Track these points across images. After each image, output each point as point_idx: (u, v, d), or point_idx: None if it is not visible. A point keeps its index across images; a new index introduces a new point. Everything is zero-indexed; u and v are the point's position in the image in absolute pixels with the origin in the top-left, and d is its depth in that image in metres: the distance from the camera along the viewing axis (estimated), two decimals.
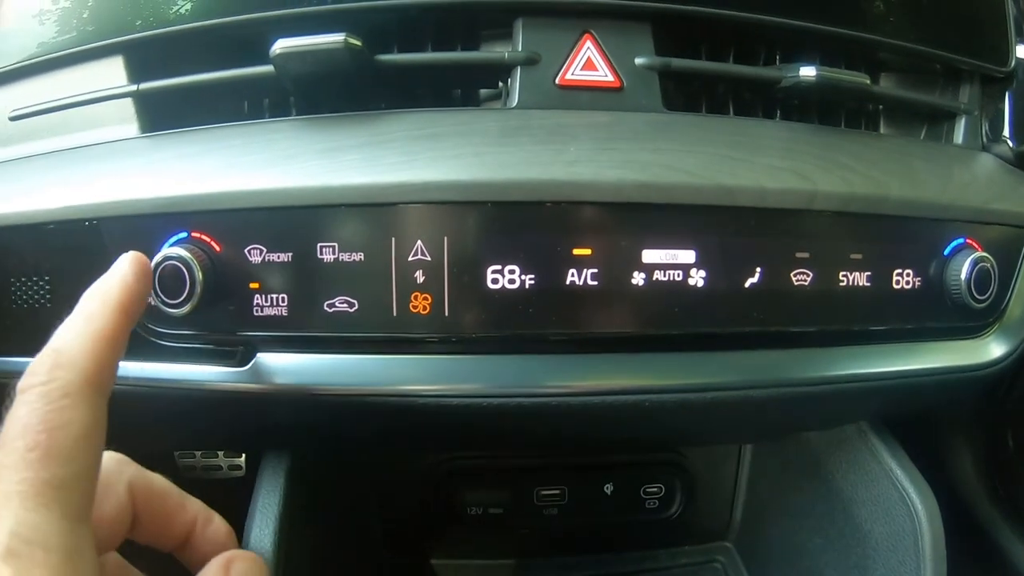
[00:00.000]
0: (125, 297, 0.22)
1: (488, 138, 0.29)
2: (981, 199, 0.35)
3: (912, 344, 0.34)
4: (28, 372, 0.20)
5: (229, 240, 0.29)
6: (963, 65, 0.38)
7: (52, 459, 0.18)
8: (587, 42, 0.31)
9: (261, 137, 0.30)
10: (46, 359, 0.20)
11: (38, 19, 0.34)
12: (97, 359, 0.20)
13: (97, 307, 0.22)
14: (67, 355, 0.20)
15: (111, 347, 0.21)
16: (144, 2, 0.33)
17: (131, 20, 0.33)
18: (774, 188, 0.29)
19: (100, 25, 0.33)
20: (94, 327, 0.21)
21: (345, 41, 0.29)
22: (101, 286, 0.23)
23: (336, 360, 0.29)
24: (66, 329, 0.21)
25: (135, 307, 0.23)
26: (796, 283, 0.30)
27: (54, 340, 0.21)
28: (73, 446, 0.18)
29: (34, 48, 0.34)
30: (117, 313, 0.22)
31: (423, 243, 0.27)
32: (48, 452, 0.18)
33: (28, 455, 0.18)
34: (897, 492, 0.34)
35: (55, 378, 0.19)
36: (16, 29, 0.35)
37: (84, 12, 0.33)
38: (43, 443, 0.18)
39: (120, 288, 0.22)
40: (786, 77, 0.33)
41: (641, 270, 0.28)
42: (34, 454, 0.18)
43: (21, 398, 0.19)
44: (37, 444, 0.18)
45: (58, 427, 0.18)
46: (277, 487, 0.31)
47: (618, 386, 0.29)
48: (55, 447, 0.18)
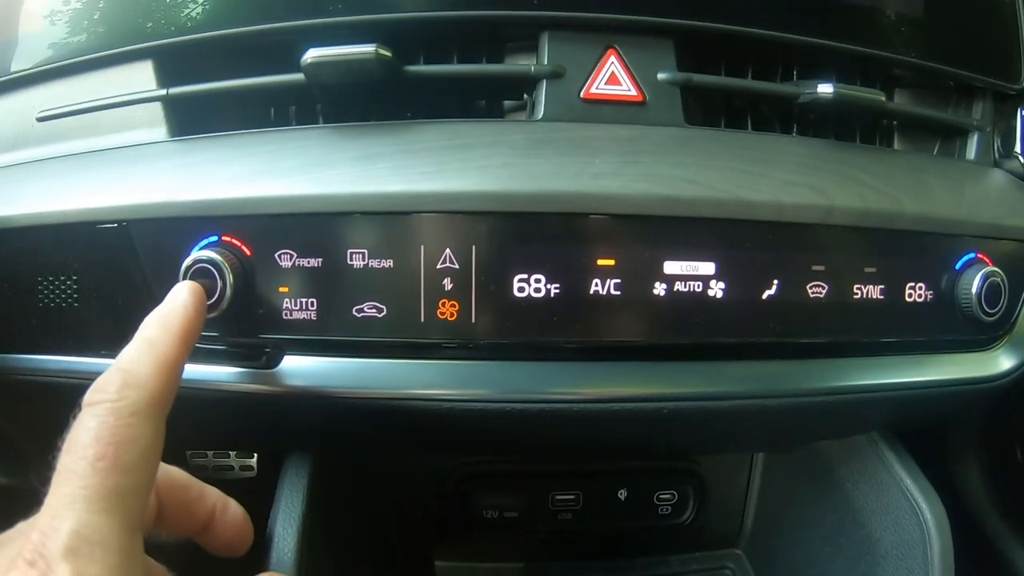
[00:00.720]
0: (186, 325, 0.24)
1: (516, 150, 0.29)
2: (992, 215, 0.35)
3: (923, 356, 0.35)
4: (96, 388, 0.21)
5: (260, 244, 0.29)
6: (976, 82, 0.38)
7: (118, 470, 0.20)
8: (611, 57, 0.32)
9: (292, 144, 0.31)
10: (115, 378, 0.21)
11: (66, 21, 0.35)
12: (162, 382, 0.22)
13: (160, 334, 0.23)
14: (135, 376, 0.22)
15: (173, 371, 0.23)
16: (172, 8, 0.33)
17: (159, 25, 0.33)
18: (792, 203, 0.30)
19: (128, 29, 0.34)
20: (158, 352, 0.23)
21: (376, 52, 0.29)
22: (163, 313, 0.25)
23: (363, 364, 0.29)
24: (132, 351, 0.23)
25: (194, 335, 0.25)
26: (812, 295, 0.31)
27: (121, 361, 0.22)
28: (137, 460, 0.20)
29: (62, 50, 0.35)
30: (178, 340, 0.23)
31: (452, 251, 0.28)
32: (115, 463, 0.19)
33: (97, 464, 0.19)
34: (907, 502, 0.35)
35: (124, 396, 0.21)
36: (44, 31, 0.36)
37: (112, 15, 0.34)
38: (111, 455, 0.19)
39: (182, 316, 0.24)
40: (804, 93, 0.34)
41: (662, 281, 0.29)
42: (102, 463, 0.19)
43: (91, 411, 0.21)
44: (105, 455, 0.19)
45: (125, 441, 0.20)
46: (300, 488, 0.32)
47: (638, 393, 0.29)
48: (121, 459, 0.20)
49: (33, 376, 0.33)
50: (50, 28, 0.36)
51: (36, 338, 0.33)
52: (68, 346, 0.32)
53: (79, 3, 0.35)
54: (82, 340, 0.32)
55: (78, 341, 0.32)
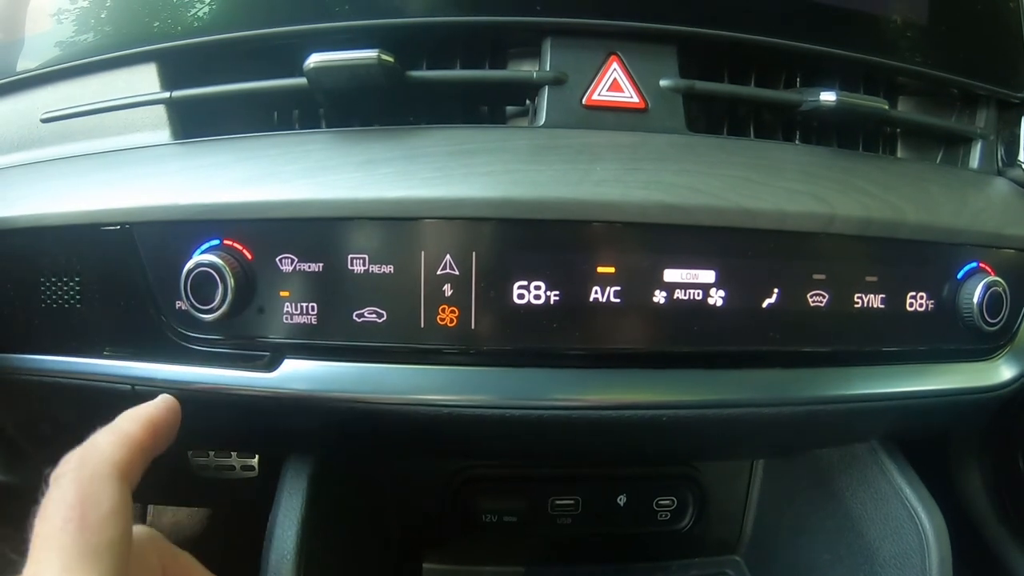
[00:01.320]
0: (156, 417, 0.25)
1: (518, 156, 0.29)
2: (995, 224, 0.35)
3: (924, 365, 0.34)
4: (61, 463, 0.22)
5: (261, 249, 0.29)
6: (979, 90, 0.38)
7: (87, 529, 0.20)
8: (613, 63, 0.32)
9: (295, 148, 0.31)
10: (78, 451, 0.23)
11: (72, 23, 0.35)
12: (124, 456, 0.23)
13: (128, 421, 0.25)
14: (97, 447, 0.23)
15: (138, 451, 0.24)
16: (176, 11, 0.33)
17: (164, 28, 0.33)
18: (794, 211, 0.30)
19: (133, 31, 0.34)
20: (122, 430, 0.24)
21: (378, 57, 0.29)
22: (135, 410, 0.26)
23: (363, 369, 0.29)
24: (98, 433, 0.24)
25: (164, 430, 0.25)
26: (812, 304, 0.31)
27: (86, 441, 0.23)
28: (104, 519, 0.21)
29: (67, 51, 0.35)
30: (146, 427, 0.24)
31: (452, 257, 0.28)
32: (83, 523, 0.20)
33: (66, 526, 0.20)
34: (906, 511, 0.35)
35: (85, 465, 0.22)
36: (49, 32, 0.36)
37: (117, 18, 0.34)
38: (77, 516, 0.20)
39: (152, 410, 0.25)
40: (806, 101, 0.34)
41: (662, 289, 0.29)
42: (71, 524, 0.20)
43: (56, 483, 0.22)
44: (72, 517, 0.20)
45: (90, 502, 0.21)
46: (300, 491, 0.32)
47: (637, 401, 0.29)
48: (87, 518, 0.21)
49: (35, 376, 0.33)
50: (55, 30, 0.36)
51: (38, 338, 0.33)
52: (70, 347, 0.33)
53: (84, 5, 0.35)
54: (84, 341, 0.32)
55: (80, 342, 0.32)
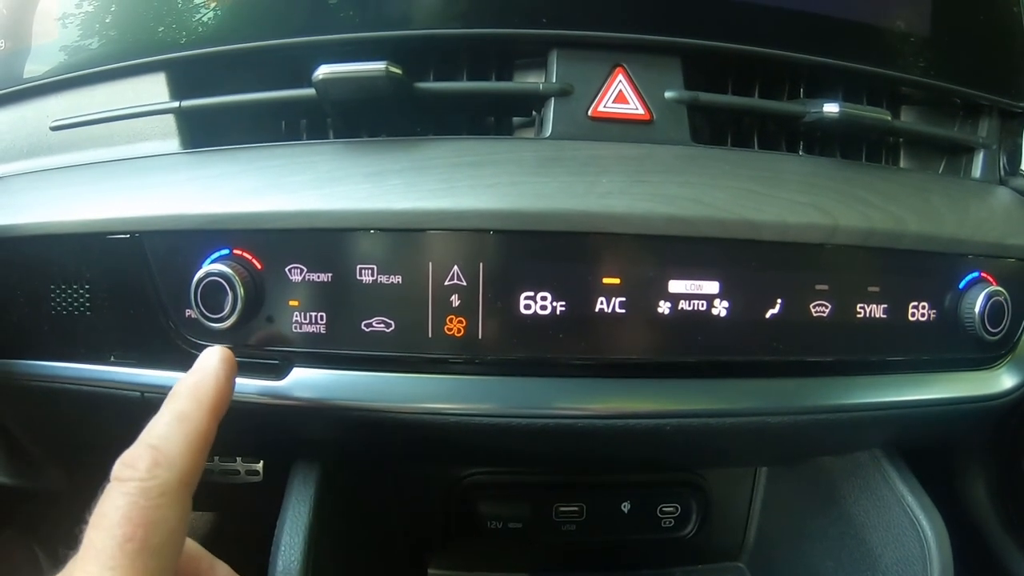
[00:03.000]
0: (216, 398, 0.24)
1: (524, 168, 0.30)
2: (996, 234, 0.36)
3: (925, 375, 0.35)
4: (125, 463, 0.21)
5: (270, 258, 0.30)
6: (982, 100, 0.38)
7: (146, 552, 0.20)
8: (619, 75, 0.32)
9: (304, 159, 0.31)
10: (145, 455, 0.21)
11: (82, 32, 0.36)
12: (192, 460, 0.22)
13: (191, 408, 0.23)
14: (166, 455, 0.21)
15: (204, 447, 0.23)
16: (185, 21, 0.34)
17: (173, 37, 0.34)
18: (796, 223, 0.30)
19: (143, 41, 0.34)
20: (189, 428, 0.22)
21: (386, 69, 0.30)
22: (193, 383, 0.24)
23: (371, 378, 0.30)
24: (161, 426, 0.22)
25: (224, 406, 0.24)
26: (815, 314, 0.31)
27: (151, 436, 0.22)
28: (165, 542, 0.20)
29: (77, 60, 0.35)
30: (209, 414, 0.23)
31: (459, 268, 0.28)
32: (144, 546, 0.20)
33: (126, 545, 0.19)
34: (908, 518, 0.35)
35: (155, 476, 0.21)
36: (58, 40, 0.37)
37: (127, 27, 0.35)
38: (140, 536, 0.20)
39: (213, 388, 0.24)
40: (809, 112, 0.34)
41: (667, 299, 0.29)
42: (131, 545, 0.19)
43: (120, 488, 0.20)
44: (134, 536, 0.19)
45: (154, 523, 0.20)
46: (307, 497, 0.32)
47: (642, 410, 0.30)
48: (150, 542, 0.20)
49: (44, 382, 0.34)
50: (65, 38, 0.36)
51: (48, 345, 0.33)
52: (79, 354, 0.33)
53: (94, 14, 0.35)
54: (93, 348, 0.33)
55: (89, 349, 0.33)
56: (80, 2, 0.36)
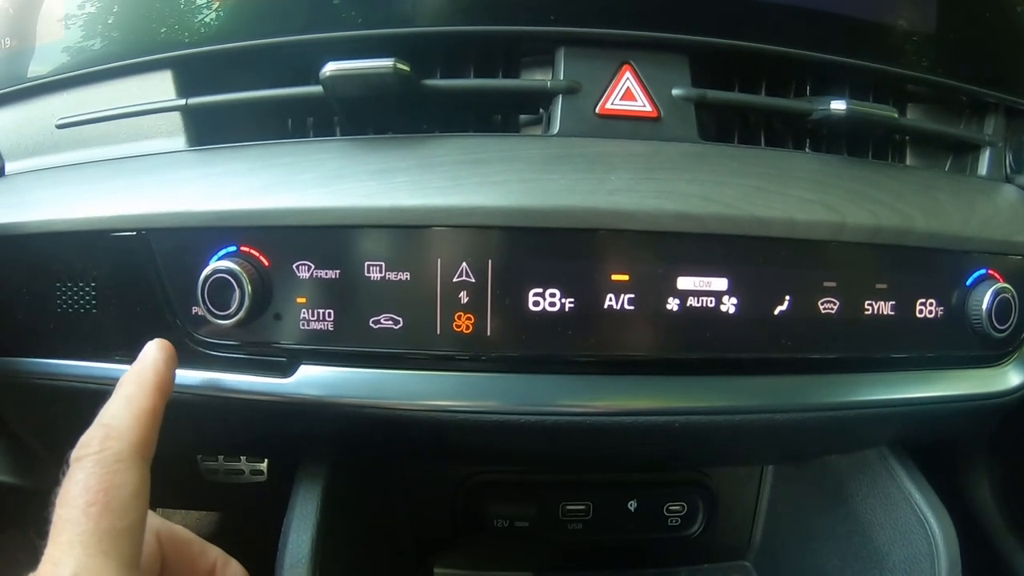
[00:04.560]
0: (158, 379, 0.26)
1: (532, 165, 0.30)
2: (1003, 231, 0.36)
3: (932, 372, 0.35)
4: (81, 444, 0.23)
5: (278, 256, 0.30)
6: (988, 98, 0.38)
7: (110, 513, 0.21)
8: (626, 73, 0.32)
9: (311, 156, 0.31)
10: (98, 432, 0.23)
11: (88, 30, 0.36)
12: (141, 431, 0.23)
13: (136, 389, 0.25)
14: (116, 428, 0.23)
15: (151, 420, 0.24)
16: (191, 18, 0.34)
17: (179, 35, 0.34)
18: (804, 220, 0.30)
19: (149, 38, 0.34)
20: (136, 405, 0.24)
21: (394, 66, 0.30)
22: (136, 371, 0.26)
23: (379, 375, 0.30)
24: (111, 407, 0.24)
25: (167, 387, 0.26)
26: (823, 311, 0.31)
27: (103, 416, 0.24)
28: (127, 502, 0.21)
29: (83, 58, 0.35)
30: (153, 393, 0.25)
31: (468, 265, 0.28)
32: (106, 507, 0.21)
33: (89, 509, 0.21)
34: (915, 516, 0.35)
35: (107, 447, 0.22)
36: (65, 39, 0.37)
37: (133, 25, 0.35)
38: (101, 500, 0.21)
39: (153, 372, 0.26)
40: (817, 110, 0.34)
41: (676, 296, 0.29)
42: (94, 508, 0.21)
43: (78, 464, 0.22)
44: (96, 501, 0.21)
45: (113, 487, 0.21)
46: (315, 496, 0.32)
47: (650, 407, 0.30)
48: (112, 503, 0.21)
49: (50, 380, 0.34)
50: (71, 36, 0.36)
51: (53, 342, 0.33)
52: (85, 351, 0.33)
53: (101, 12, 0.35)
54: (99, 346, 0.33)
55: (95, 347, 0.33)
56: (86, 1, 0.36)
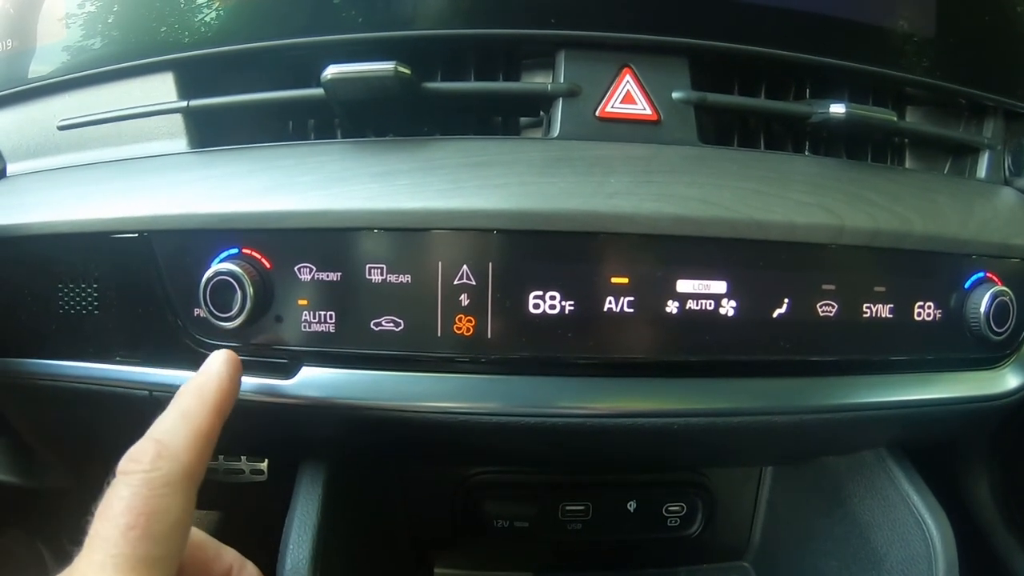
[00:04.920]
0: (220, 398, 0.25)
1: (532, 168, 0.30)
2: (1001, 234, 0.36)
3: (931, 374, 0.35)
4: (130, 458, 0.22)
5: (280, 258, 0.30)
6: (987, 101, 0.39)
7: (149, 539, 0.20)
8: (626, 76, 0.32)
9: (312, 158, 0.31)
10: (150, 448, 0.22)
11: (90, 32, 0.36)
12: (195, 454, 0.22)
13: (195, 405, 0.24)
14: (170, 448, 0.22)
15: (207, 443, 0.23)
16: (193, 20, 0.34)
17: (181, 37, 0.34)
18: (803, 223, 0.30)
19: (151, 40, 0.34)
20: (193, 424, 0.23)
21: (395, 69, 0.30)
22: (198, 383, 0.25)
23: (380, 377, 0.30)
24: (167, 422, 0.23)
25: (228, 405, 0.25)
26: (822, 314, 0.31)
27: (156, 431, 0.23)
28: (168, 530, 0.21)
29: (85, 60, 0.36)
30: (213, 412, 0.24)
31: (469, 268, 0.28)
32: (146, 532, 0.20)
33: (128, 533, 0.20)
34: (913, 518, 0.35)
35: (158, 468, 0.21)
36: (66, 40, 0.37)
37: (135, 27, 0.35)
38: (142, 524, 0.20)
39: (216, 389, 0.25)
40: (816, 113, 0.34)
41: (675, 299, 0.29)
42: (134, 532, 0.20)
43: (125, 480, 0.21)
44: (137, 524, 0.20)
45: (157, 512, 0.20)
46: (316, 496, 0.32)
47: (649, 409, 0.30)
48: (153, 529, 0.20)
49: (52, 381, 0.34)
50: (73, 38, 0.36)
51: (56, 344, 0.33)
52: (87, 353, 0.33)
53: (103, 14, 0.35)
54: (101, 347, 0.33)
55: (97, 348, 0.33)
56: (87, 2, 0.36)
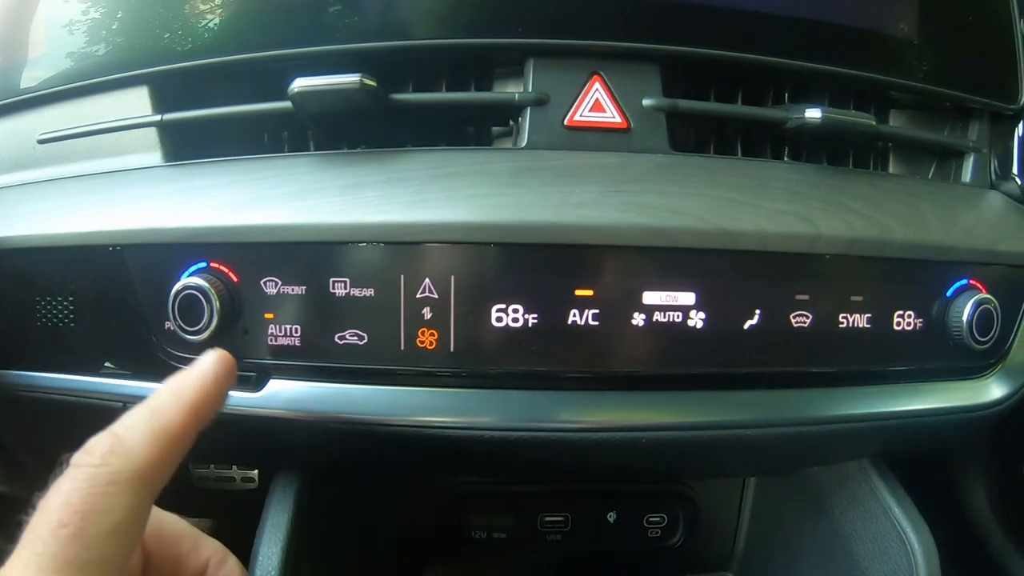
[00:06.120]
0: (199, 397, 0.22)
1: (499, 179, 0.29)
2: (986, 240, 0.35)
3: (913, 385, 0.34)
4: (84, 450, 0.20)
5: (246, 272, 0.30)
6: (972, 103, 0.38)
7: (79, 541, 0.18)
8: (596, 83, 0.32)
9: (282, 171, 0.31)
10: (104, 442, 0.20)
11: (68, 45, 0.36)
12: (155, 454, 0.20)
13: (169, 402, 0.21)
14: (126, 444, 0.20)
15: (173, 444, 0.21)
16: (168, 35, 0.34)
17: (157, 51, 0.34)
18: (776, 232, 0.30)
19: (128, 55, 0.34)
20: (160, 422, 0.21)
21: (360, 81, 0.30)
22: (179, 381, 0.22)
23: (345, 389, 0.30)
24: (131, 417, 0.21)
25: (208, 409, 0.22)
26: (796, 325, 0.30)
27: (117, 425, 0.21)
28: (105, 534, 0.18)
29: (63, 73, 0.36)
30: (187, 412, 0.21)
31: (431, 281, 0.28)
32: (78, 533, 0.18)
33: (59, 531, 0.18)
34: (895, 531, 0.35)
35: (107, 463, 0.19)
36: (46, 54, 0.37)
37: (112, 41, 0.35)
38: (75, 523, 0.18)
39: (196, 387, 0.22)
40: (792, 118, 0.33)
41: (641, 311, 0.29)
42: (64, 531, 0.18)
43: (70, 472, 0.19)
44: (70, 523, 0.18)
45: (95, 512, 0.18)
46: (287, 506, 0.32)
47: (616, 423, 0.29)
48: (86, 530, 0.18)
49: (29, 392, 0.34)
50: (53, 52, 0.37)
51: (33, 355, 0.34)
52: (65, 364, 0.33)
53: (79, 30, 0.36)
54: (79, 359, 0.33)
55: (75, 360, 0.33)
56: (65, 18, 0.36)
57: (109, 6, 0.35)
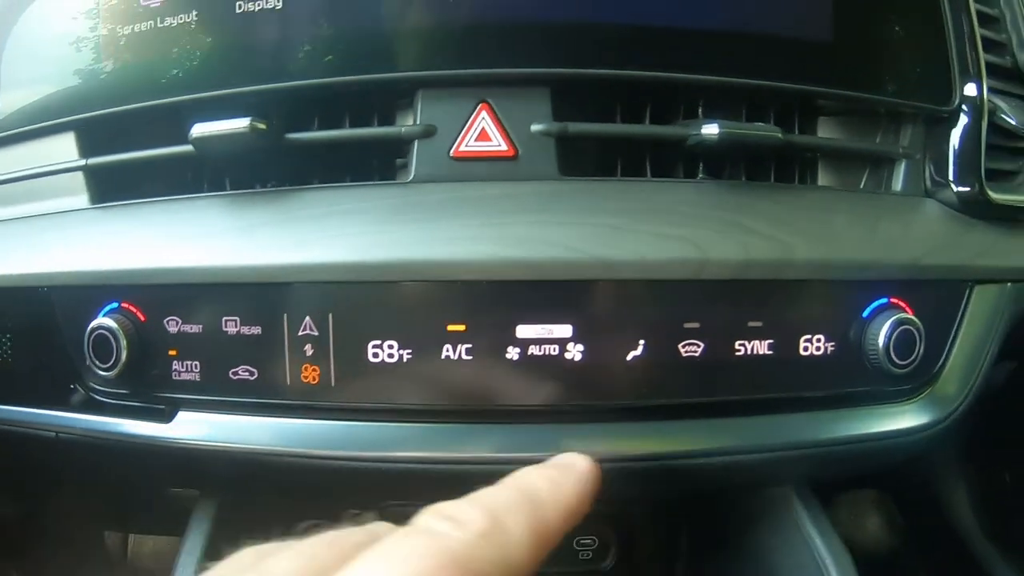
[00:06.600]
0: (577, 504, 0.18)
1: (380, 216, 0.30)
2: (911, 254, 0.33)
3: (834, 411, 0.32)
4: (442, 512, 0.16)
5: (151, 311, 0.31)
6: (903, 107, 0.35)
7: None
8: (482, 112, 0.32)
9: (191, 214, 0.33)
10: (476, 517, 0.15)
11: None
12: (533, 556, 0.16)
13: (548, 496, 0.17)
14: (507, 532, 0.15)
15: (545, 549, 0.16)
16: (93, 83, 0.36)
17: (83, 99, 0.36)
18: (657, 259, 0.29)
19: (52, 102, 0.36)
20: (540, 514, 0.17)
21: (251, 125, 0.31)
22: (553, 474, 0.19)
23: (242, 421, 0.31)
24: (503, 498, 0.17)
25: (577, 519, 0.18)
26: (685, 355, 0.30)
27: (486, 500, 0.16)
28: None
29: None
30: (564, 516, 0.17)
31: (311, 319, 0.29)
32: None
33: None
34: (814, 562, 0.33)
35: (485, 544, 0.15)
36: None
37: (42, 90, 0.37)
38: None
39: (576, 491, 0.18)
40: (691, 135, 0.32)
41: (515, 345, 0.29)
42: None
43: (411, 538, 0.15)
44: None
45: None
46: (202, 534, 0.34)
47: (490, 456, 0.29)
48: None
49: None
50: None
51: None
52: (10, 397, 0.36)
53: (9, 81, 0.38)
54: (14, 390, 0.35)
55: (11, 391, 0.36)
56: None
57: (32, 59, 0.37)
